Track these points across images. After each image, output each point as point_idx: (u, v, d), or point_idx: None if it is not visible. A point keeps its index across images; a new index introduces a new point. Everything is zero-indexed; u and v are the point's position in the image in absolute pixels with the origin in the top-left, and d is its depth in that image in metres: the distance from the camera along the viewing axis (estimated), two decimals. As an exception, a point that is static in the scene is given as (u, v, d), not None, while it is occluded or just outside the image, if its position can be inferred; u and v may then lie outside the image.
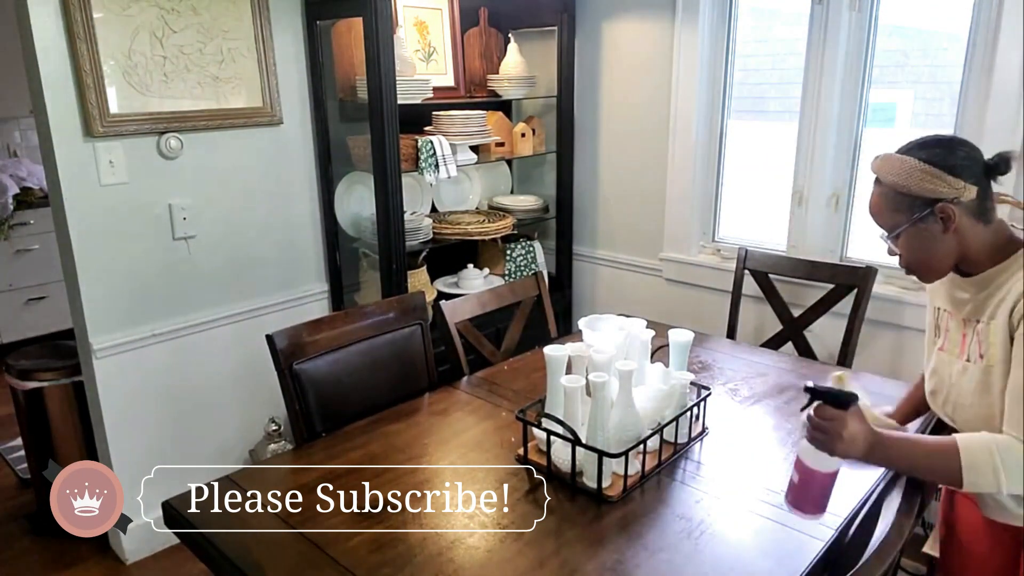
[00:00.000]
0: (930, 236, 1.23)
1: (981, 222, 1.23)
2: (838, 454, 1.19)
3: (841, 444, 1.18)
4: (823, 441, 1.19)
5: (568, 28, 2.88)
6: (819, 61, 2.41)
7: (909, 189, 1.21)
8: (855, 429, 1.19)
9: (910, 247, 1.26)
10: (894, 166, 1.23)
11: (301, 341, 1.78)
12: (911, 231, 1.24)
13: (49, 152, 2.09)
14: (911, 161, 1.21)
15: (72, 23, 2.01)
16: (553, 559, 1.23)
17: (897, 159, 1.23)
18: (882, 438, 1.23)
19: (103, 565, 2.43)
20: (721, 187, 2.81)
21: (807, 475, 1.19)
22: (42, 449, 2.54)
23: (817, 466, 1.19)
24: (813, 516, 1.24)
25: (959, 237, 1.23)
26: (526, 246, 3.07)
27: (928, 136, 1.26)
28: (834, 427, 1.18)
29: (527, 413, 1.53)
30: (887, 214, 1.26)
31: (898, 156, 1.24)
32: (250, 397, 2.64)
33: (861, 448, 1.20)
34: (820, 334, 2.45)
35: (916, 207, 1.22)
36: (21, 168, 4.13)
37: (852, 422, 1.19)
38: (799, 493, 1.22)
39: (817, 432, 1.20)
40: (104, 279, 2.22)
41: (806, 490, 1.21)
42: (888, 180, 1.24)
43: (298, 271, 2.71)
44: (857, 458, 1.21)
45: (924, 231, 1.23)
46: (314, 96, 2.61)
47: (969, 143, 1.25)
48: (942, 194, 1.20)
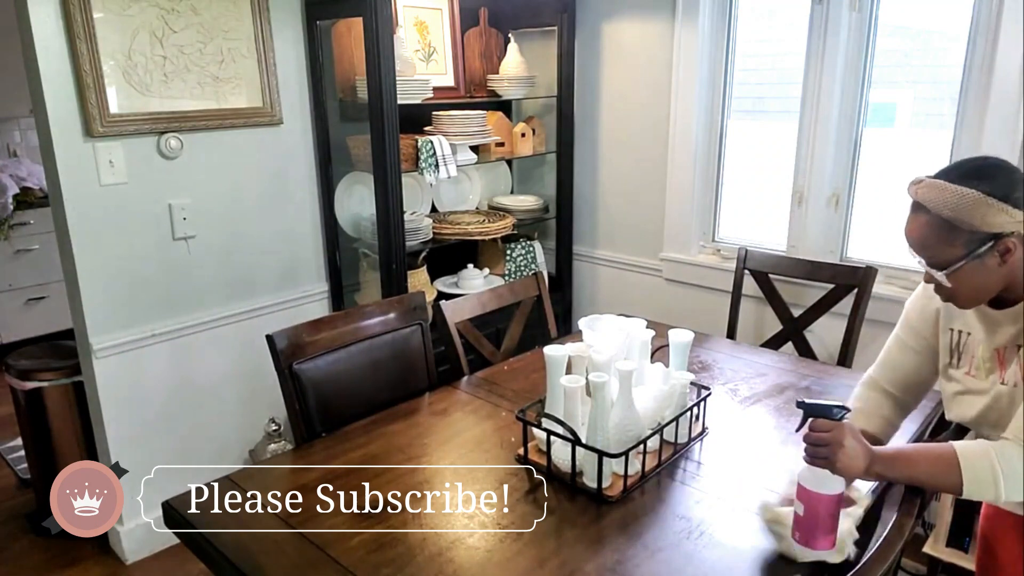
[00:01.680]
0: (984, 270, 1.16)
1: None
2: (840, 469, 1.16)
3: (843, 456, 1.15)
4: (824, 456, 1.16)
5: (568, 28, 2.88)
6: (819, 61, 2.41)
7: (972, 224, 1.12)
8: (854, 442, 1.17)
9: (964, 280, 1.18)
10: (949, 198, 1.13)
11: (301, 341, 1.78)
12: (968, 265, 1.15)
13: (49, 152, 2.09)
14: (973, 194, 1.11)
15: (72, 23, 2.01)
16: (553, 559, 1.23)
17: (953, 190, 1.13)
18: (882, 451, 1.21)
19: (103, 565, 2.43)
20: (721, 187, 2.81)
21: (813, 502, 1.14)
22: (42, 449, 2.54)
23: (821, 489, 1.14)
24: (828, 550, 1.17)
25: (1011, 268, 1.16)
26: (526, 246, 3.07)
27: (975, 161, 1.19)
28: (834, 437, 1.16)
29: (527, 413, 1.53)
30: (938, 247, 1.17)
31: (954, 187, 1.13)
32: (250, 397, 2.64)
33: (862, 462, 1.17)
34: (820, 334, 2.45)
35: (975, 241, 1.14)
36: (21, 168, 4.13)
37: (850, 434, 1.17)
38: (808, 525, 1.16)
39: (817, 448, 1.17)
40: (104, 279, 2.22)
41: (815, 519, 1.15)
42: (944, 213, 1.14)
43: (298, 271, 2.71)
44: (858, 473, 1.19)
45: (980, 266, 1.15)
46: (314, 96, 2.61)
47: (1017, 169, 1.18)
48: (1006, 228, 1.12)
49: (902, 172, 2.44)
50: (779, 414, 1.75)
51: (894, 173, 2.43)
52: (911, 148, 2.46)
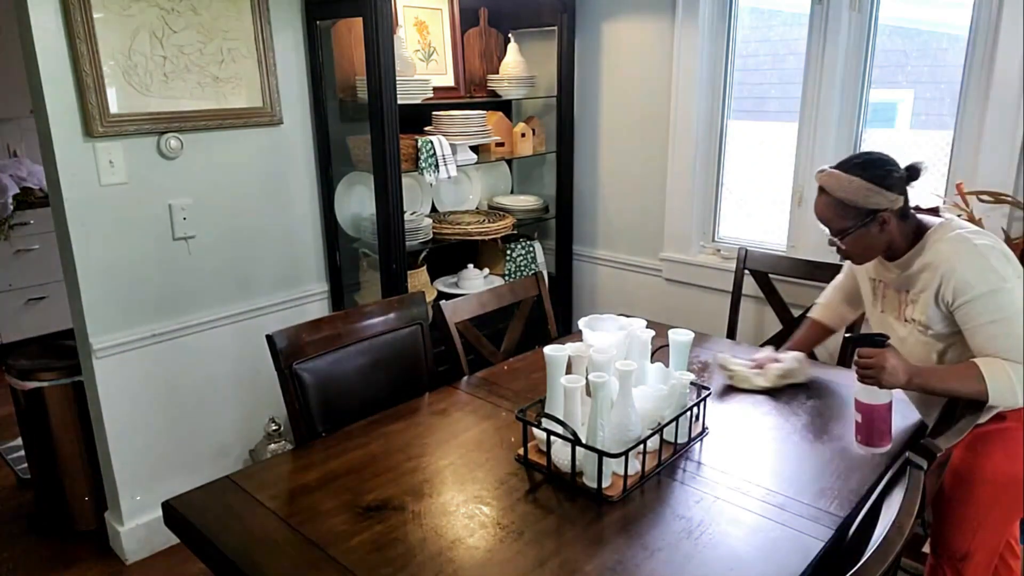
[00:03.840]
0: (869, 235, 1.56)
1: (903, 220, 1.57)
2: (885, 384, 1.43)
3: (886, 375, 1.42)
4: (872, 376, 1.42)
5: (568, 28, 2.88)
6: (819, 61, 2.41)
7: (857, 203, 1.53)
8: (895, 361, 1.44)
9: (854, 244, 1.58)
10: (842, 183, 1.53)
11: (301, 341, 1.78)
12: (856, 233, 1.56)
13: (49, 152, 2.09)
14: (858, 181, 1.52)
15: (72, 23, 2.01)
16: (553, 559, 1.23)
17: (846, 178, 1.53)
18: (918, 367, 1.50)
19: (103, 565, 2.43)
20: (721, 187, 2.81)
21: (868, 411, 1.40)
22: (42, 449, 2.54)
23: (873, 400, 1.40)
24: (884, 447, 1.45)
25: (889, 233, 1.56)
26: (526, 246, 3.07)
27: (860, 155, 1.57)
28: (877, 361, 1.43)
29: (527, 413, 1.53)
30: (835, 220, 1.57)
31: (846, 175, 1.53)
32: (250, 397, 2.64)
33: (902, 376, 1.45)
34: (820, 334, 2.45)
35: (861, 216, 1.54)
36: (21, 168, 4.13)
37: (891, 356, 1.44)
38: (867, 429, 1.42)
39: (865, 370, 1.43)
40: (104, 279, 2.22)
41: (871, 424, 1.41)
42: (838, 195, 1.54)
43: (298, 271, 2.72)
44: (900, 386, 1.46)
45: (866, 232, 1.55)
46: (314, 96, 2.61)
47: (894, 160, 1.56)
48: (882, 206, 1.52)
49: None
50: (779, 414, 1.75)
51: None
52: (911, 148, 2.46)
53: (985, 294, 1.45)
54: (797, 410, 1.77)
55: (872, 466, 1.49)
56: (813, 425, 1.69)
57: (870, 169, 1.52)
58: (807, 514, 1.34)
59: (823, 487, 1.43)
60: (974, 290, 1.46)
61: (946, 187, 2.24)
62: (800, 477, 1.47)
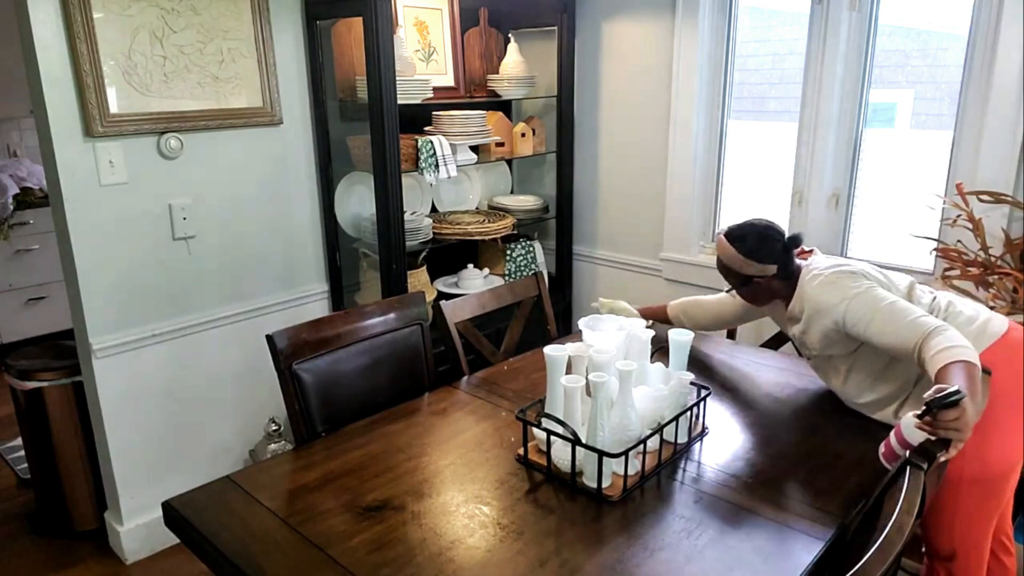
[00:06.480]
0: (752, 291, 1.81)
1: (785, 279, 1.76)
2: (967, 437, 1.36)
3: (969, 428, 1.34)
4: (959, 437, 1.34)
5: (568, 28, 2.88)
6: (819, 61, 2.41)
7: (734, 269, 1.77)
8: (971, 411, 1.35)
9: (743, 295, 1.85)
10: (725, 251, 1.77)
11: (301, 341, 1.78)
12: (740, 289, 1.82)
13: (49, 152, 2.09)
14: (732, 252, 1.75)
15: (72, 23, 2.01)
16: (553, 559, 1.23)
17: (727, 247, 1.76)
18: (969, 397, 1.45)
19: (103, 565, 2.43)
20: (721, 187, 2.81)
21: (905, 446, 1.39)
22: (42, 449, 2.54)
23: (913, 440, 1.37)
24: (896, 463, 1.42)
25: (771, 289, 1.79)
26: (526, 246, 3.07)
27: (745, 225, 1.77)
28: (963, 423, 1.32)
29: (527, 413, 1.53)
30: (728, 277, 1.82)
31: (729, 245, 1.76)
32: (250, 397, 2.64)
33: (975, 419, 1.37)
34: (820, 334, 2.45)
35: (743, 277, 1.78)
36: (21, 168, 4.13)
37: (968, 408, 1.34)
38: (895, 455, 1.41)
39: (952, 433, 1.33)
40: (104, 279, 2.22)
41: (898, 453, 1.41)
42: (722, 259, 1.79)
43: (298, 271, 2.72)
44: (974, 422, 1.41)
45: (748, 290, 1.81)
46: (314, 96, 2.61)
47: (777, 230, 1.75)
48: (756, 273, 1.75)
49: (902, 172, 2.44)
50: (779, 414, 1.75)
51: (894, 173, 2.43)
52: (911, 148, 2.46)
53: (848, 306, 1.60)
54: (798, 411, 1.77)
55: (872, 466, 1.48)
56: (813, 425, 1.70)
57: (747, 242, 1.74)
58: (807, 514, 1.34)
59: (823, 487, 1.43)
60: (838, 307, 1.62)
61: (946, 187, 2.24)
62: (800, 477, 1.47)
